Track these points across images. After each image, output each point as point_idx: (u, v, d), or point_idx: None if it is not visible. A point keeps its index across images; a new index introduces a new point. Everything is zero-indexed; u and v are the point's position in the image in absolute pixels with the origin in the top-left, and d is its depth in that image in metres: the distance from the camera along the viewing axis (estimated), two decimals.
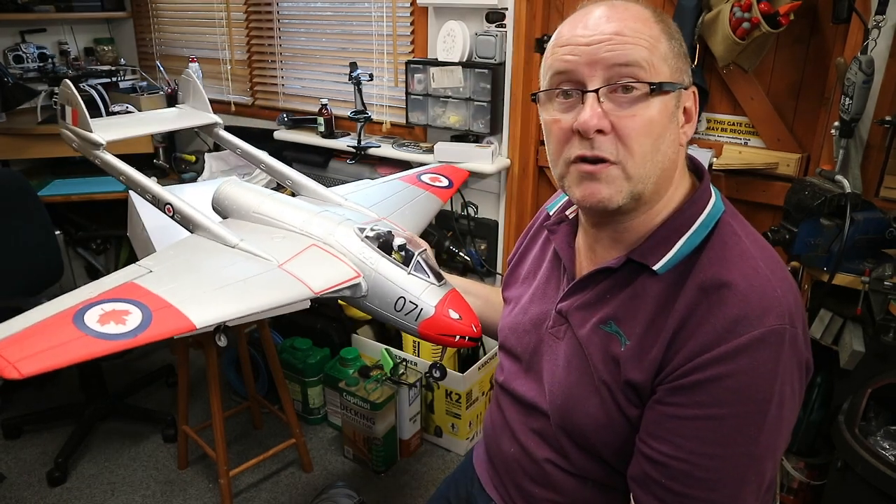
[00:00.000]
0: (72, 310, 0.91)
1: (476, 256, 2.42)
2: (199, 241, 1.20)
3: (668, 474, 0.77)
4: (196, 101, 1.71)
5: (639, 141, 0.76)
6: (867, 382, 1.54)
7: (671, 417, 0.77)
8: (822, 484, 1.76)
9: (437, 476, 2.27)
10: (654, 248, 0.83)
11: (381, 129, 2.57)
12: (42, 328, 0.88)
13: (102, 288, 0.98)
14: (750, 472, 0.75)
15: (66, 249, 2.84)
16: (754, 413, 0.74)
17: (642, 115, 0.76)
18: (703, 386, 0.74)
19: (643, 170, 0.78)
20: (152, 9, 3.30)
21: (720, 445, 0.74)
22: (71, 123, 1.51)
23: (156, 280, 1.01)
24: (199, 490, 2.17)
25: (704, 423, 0.75)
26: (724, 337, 0.74)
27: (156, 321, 0.92)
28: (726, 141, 1.92)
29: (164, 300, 0.96)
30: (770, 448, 0.76)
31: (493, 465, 1.06)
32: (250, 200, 1.27)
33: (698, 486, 0.76)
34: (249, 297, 1.01)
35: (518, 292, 1.05)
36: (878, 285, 1.49)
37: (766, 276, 0.77)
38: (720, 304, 0.75)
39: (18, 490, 2.17)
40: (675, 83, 0.78)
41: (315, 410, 2.50)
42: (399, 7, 2.41)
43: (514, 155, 2.25)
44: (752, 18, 1.58)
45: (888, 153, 1.59)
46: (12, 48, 3.06)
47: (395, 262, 1.07)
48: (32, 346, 0.85)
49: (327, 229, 1.15)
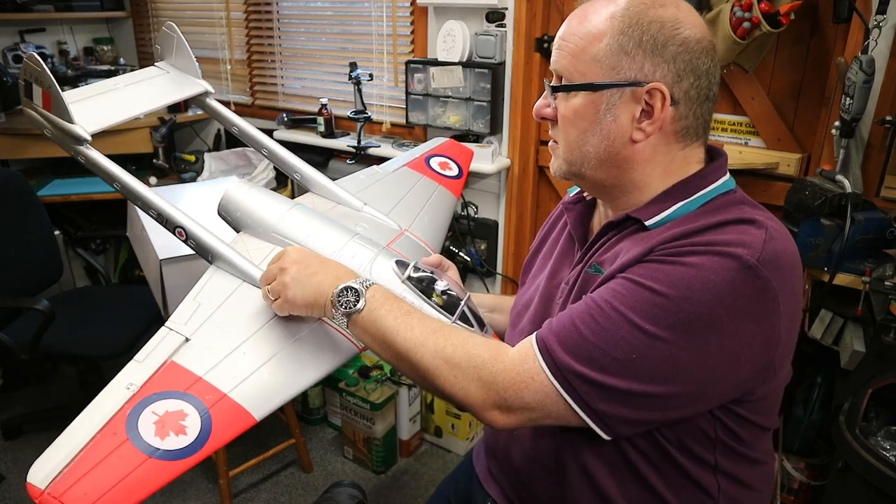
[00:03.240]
0: (122, 416, 0.80)
1: (476, 256, 2.41)
2: (225, 281, 1.04)
3: (585, 321, 0.77)
4: (180, 59, 1.41)
5: (564, 129, 0.87)
6: (868, 383, 1.54)
7: (622, 279, 0.78)
8: (823, 484, 1.75)
9: (437, 476, 2.27)
10: (651, 208, 0.85)
11: (381, 129, 2.56)
12: (96, 453, 0.75)
13: (144, 373, 0.86)
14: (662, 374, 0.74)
15: (66, 249, 2.84)
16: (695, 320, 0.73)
17: (563, 109, 0.86)
18: (664, 263, 0.76)
19: (570, 155, 0.87)
20: (152, 9, 3.30)
21: (651, 323, 0.74)
22: (41, 107, 1.19)
23: (197, 356, 0.90)
24: (199, 490, 2.17)
25: (648, 295, 0.75)
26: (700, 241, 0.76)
27: (216, 423, 0.82)
28: (727, 141, 1.91)
29: (216, 389, 0.85)
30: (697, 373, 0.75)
31: (493, 463, 1.06)
32: (269, 216, 1.10)
33: (606, 343, 0.75)
34: (300, 368, 0.94)
35: (532, 274, 1.08)
36: (878, 285, 1.49)
37: (766, 229, 0.77)
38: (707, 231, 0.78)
39: (18, 490, 2.17)
40: (596, 83, 0.81)
41: (315, 410, 2.50)
42: (399, 7, 2.41)
43: (514, 155, 2.24)
44: (752, 18, 1.58)
45: (889, 153, 1.59)
46: (12, 48, 3.05)
47: (439, 308, 0.97)
48: (96, 483, 0.72)
49: (362, 263, 1.02)
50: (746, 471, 0.88)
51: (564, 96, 0.85)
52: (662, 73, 0.79)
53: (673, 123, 0.82)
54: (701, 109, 0.83)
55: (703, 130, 0.86)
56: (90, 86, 1.32)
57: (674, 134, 0.83)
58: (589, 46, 0.81)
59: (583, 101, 0.83)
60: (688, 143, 0.85)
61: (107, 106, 1.29)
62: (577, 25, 0.83)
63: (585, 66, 0.82)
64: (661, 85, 0.79)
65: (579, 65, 0.82)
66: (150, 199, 1.13)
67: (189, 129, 3.23)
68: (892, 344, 1.47)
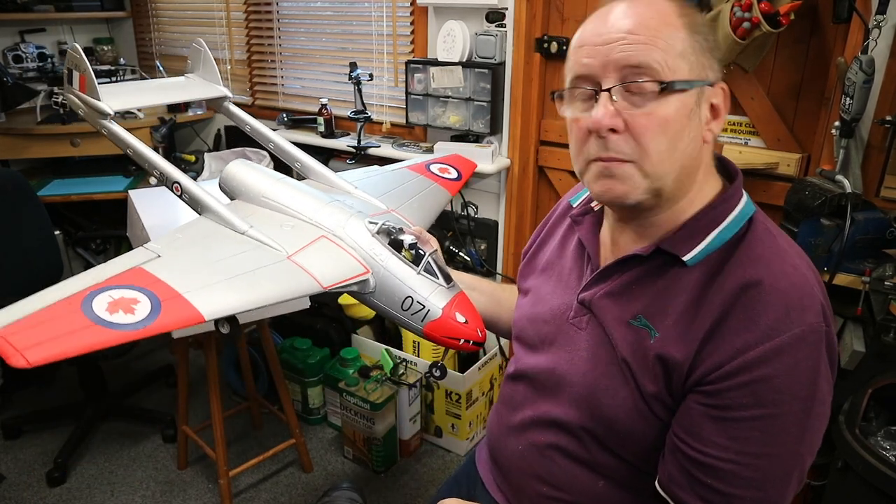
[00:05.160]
0: (79, 295, 0.89)
1: (476, 256, 2.41)
2: (208, 224, 1.18)
3: (715, 475, 0.77)
4: (206, 71, 1.61)
5: (654, 139, 0.76)
6: (868, 383, 1.54)
7: (716, 419, 0.76)
8: (823, 484, 1.75)
9: (437, 476, 2.27)
10: (684, 240, 0.82)
11: (381, 129, 2.56)
12: (49, 314, 0.86)
13: (110, 272, 0.96)
14: (795, 469, 0.77)
15: (66, 249, 2.84)
16: (799, 412, 0.74)
17: (656, 114, 0.75)
18: (749, 387, 0.74)
19: (660, 168, 0.77)
20: (152, 8, 3.30)
21: (767, 445, 0.75)
22: (78, 89, 1.43)
23: (164, 266, 0.99)
24: (199, 490, 2.17)
25: (751, 424, 0.75)
26: (767, 335, 0.74)
27: (165, 311, 0.90)
28: (727, 141, 1.91)
29: (172, 289, 0.94)
30: (812, 444, 0.77)
31: (498, 467, 1.06)
32: (260, 183, 1.24)
33: (745, 485, 0.76)
34: (258, 288, 1.00)
35: (536, 283, 1.05)
36: (878, 285, 1.49)
37: (804, 274, 0.78)
38: (761, 302, 0.75)
39: (18, 490, 2.17)
40: (692, 80, 0.77)
41: (315, 411, 2.50)
42: (399, 7, 2.41)
43: (514, 155, 2.24)
44: (752, 18, 1.58)
45: (889, 153, 1.59)
46: (12, 48, 3.05)
47: (405, 260, 1.05)
48: (40, 333, 0.82)
49: (338, 221, 1.13)
50: None
51: (649, 99, 0.75)
52: (717, 72, 0.81)
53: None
54: None
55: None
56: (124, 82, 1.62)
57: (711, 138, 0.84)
58: (673, 43, 0.75)
59: (677, 102, 0.75)
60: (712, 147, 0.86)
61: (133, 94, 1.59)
62: (648, 19, 0.75)
63: (674, 62, 0.75)
64: (723, 83, 0.81)
65: (669, 60, 0.75)
66: (156, 161, 1.35)
67: (189, 129, 3.23)
68: (892, 344, 1.47)
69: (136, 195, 1.93)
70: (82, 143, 2.81)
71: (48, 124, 2.80)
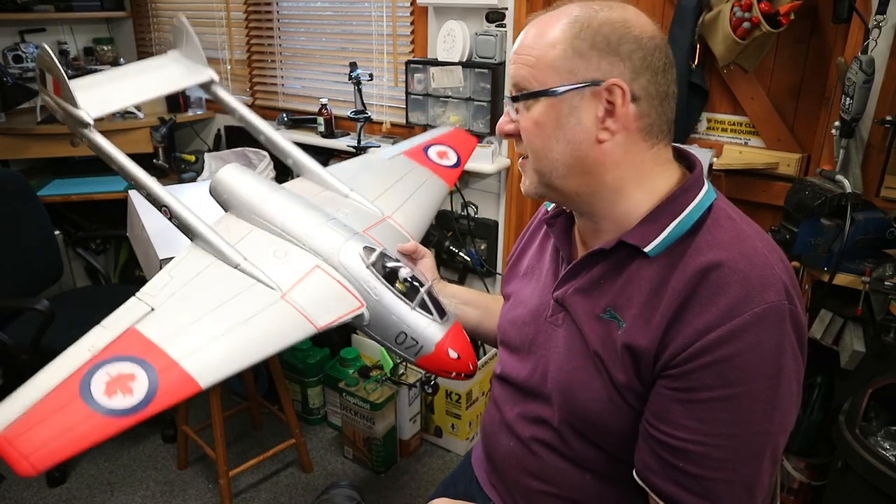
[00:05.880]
0: (78, 375, 0.87)
1: (476, 256, 2.41)
2: (200, 259, 1.12)
3: (686, 458, 0.78)
4: (190, 49, 1.49)
5: (530, 140, 0.86)
6: (868, 382, 1.54)
7: (683, 402, 0.78)
8: (823, 484, 1.75)
9: (437, 476, 2.27)
10: (644, 231, 0.84)
11: (381, 129, 2.56)
12: (49, 406, 0.83)
13: (106, 338, 0.93)
14: (766, 448, 0.77)
15: (66, 249, 2.84)
16: (765, 390, 0.75)
17: (528, 118, 0.85)
18: (712, 368, 0.75)
19: (543, 164, 0.86)
20: (152, 9, 3.30)
21: (735, 425, 0.75)
22: (52, 93, 1.31)
23: (158, 325, 0.97)
24: (199, 490, 2.17)
25: (718, 405, 0.75)
26: (727, 315, 0.75)
27: (162, 387, 0.88)
28: (727, 141, 1.91)
29: (168, 356, 0.92)
30: (783, 423, 0.78)
31: (491, 464, 1.07)
32: (252, 198, 1.19)
33: (717, 467, 0.77)
34: (253, 343, 0.98)
35: (517, 287, 1.07)
36: (878, 285, 1.49)
37: (764, 255, 0.78)
38: (720, 283, 0.76)
39: (18, 490, 2.17)
40: (554, 88, 0.81)
41: (315, 411, 2.50)
42: (399, 7, 2.41)
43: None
44: (752, 18, 1.58)
45: (889, 153, 1.59)
46: (12, 48, 3.05)
47: (400, 295, 1.03)
48: (43, 432, 0.80)
49: (332, 247, 1.10)
50: None
51: (525, 108, 0.85)
52: (619, 70, 0.80)
53: (637, 121, 0.82)
54: (662, 107, 0.84)
55: (667, 129, 0.86)
56: (101, 73, 1.39)
57: (639, 132, 0.83)
58: (544, 55, 0.82)
59: (544, 108, 0.83)
60: (654, 141, 0.85)
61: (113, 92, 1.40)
62: (531, 38, 0.84)
63: (543, 74, 0.82)
64: (619, 80, 0.80)
65: (537, 73, 0.83)
66: (143, 180, 1.26)
67: (189, 129, 3.23)
68: (892, 344, 1.48)
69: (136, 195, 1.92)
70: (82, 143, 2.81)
71: (48, 124, 2.80)
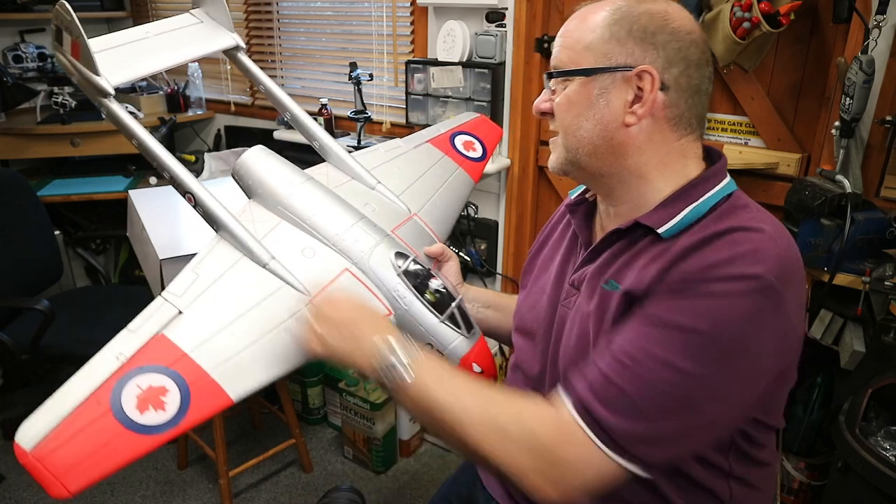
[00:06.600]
0: (107, 387, 0.83)
1: (476, 256, 2.41)
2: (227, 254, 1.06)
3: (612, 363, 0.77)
4: (214, 8, 1.38)
5: (562, 117, 0.90)
6: (868, 383, 1.54)
7: (640, 319, 0.78)
8: (823, 484, 1.75)
9: (437, 476, 2.27)
10: (661, 214, 0.85)
11: (381, 129, 2.56)
12: (80, 420, 0.79)
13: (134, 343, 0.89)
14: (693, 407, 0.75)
15: (66, 249, 2.84)
16: (723, 350, 0.74)
17: (562, 96, 0.89)
18: (683, 300, 0.76)
19: (570, 140, 0.89)
20: (152, 9, 3.30)
21: (676, 357, 0.74)
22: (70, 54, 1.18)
23: (186, 330, 0.93)
24: (199, 490, 2.17)
25: (669, 332, 0.76)
26: (712, 267, 0.76)
27: (194, 401, 0.86)
28: (726, 141, 1.91)
29: (199, 367, 0.90)
30: (731, 395, 0.76)
31: None
32: (279, 188, 1.13)
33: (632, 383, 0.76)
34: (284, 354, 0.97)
35: (536, 274, 1.08)
36: (878, 285, 1.49)
37: (772, 237, 0.78)
38: (716, 245, 0.77)
39: (18, 490, 2.17)
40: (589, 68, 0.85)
41: (315, 411, 2.50)
42: (399, 7, 2.41)
43: (514, 155, 2.24)
44: (752, 18, 1.58)
45: (889, 153, 1.59)
46: (11, 48, 3.05)
47: (429, 306, 1.01)
48: (74, 450, 0.77)
49: (362, 250, 1.06)
50: (755, 473, 0.90)
51: (561, 86, 0.89)
52: (652, 58, 0.82)
53: (664, 110, 0.84)
54: (693, 100, 0.85)
55: (697, 124, 0.87)
56: (120, 33, 1.27)
57: (666, 121, 0.84)
58: (583, 38, 0.86)
59: (577, 87, 0.87)
60: (682, 133, 0.86)
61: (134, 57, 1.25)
62: (575, 23, 0.88)
63: (579, 55, 0.86)
64: (649, 67, 0.82)
65: (574, 55, 0.87)
66: (166, 162, 1.14)
67: (189, 128, 3.23)
68: (892, 344, 1.47)
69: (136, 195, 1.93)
70: (82, 143, 2.81)
71: (48, 124, 2.80)
